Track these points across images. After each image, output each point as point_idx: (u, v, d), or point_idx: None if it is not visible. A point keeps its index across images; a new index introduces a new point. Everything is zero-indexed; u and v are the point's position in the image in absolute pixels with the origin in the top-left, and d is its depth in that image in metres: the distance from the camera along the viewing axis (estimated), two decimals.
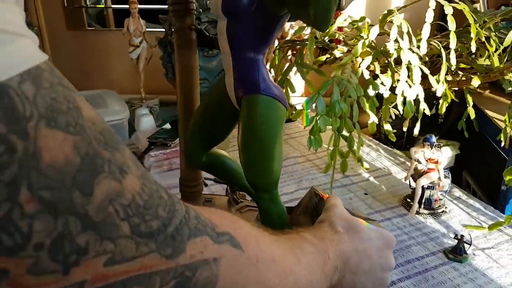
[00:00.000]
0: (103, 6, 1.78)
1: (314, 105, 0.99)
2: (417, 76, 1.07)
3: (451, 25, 1.04)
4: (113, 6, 1.77)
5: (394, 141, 1.17)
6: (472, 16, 1.04)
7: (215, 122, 0.64)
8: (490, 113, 1.24)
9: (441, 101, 1.15)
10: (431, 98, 1.27)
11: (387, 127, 1.16)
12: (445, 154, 1.38)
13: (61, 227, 0.22)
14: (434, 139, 1.00)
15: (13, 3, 0.23)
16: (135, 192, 0.25)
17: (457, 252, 0.84)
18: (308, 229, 0.48)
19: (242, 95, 0.56)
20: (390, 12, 1.17)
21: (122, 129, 1.37)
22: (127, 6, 1.72)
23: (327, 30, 1.34)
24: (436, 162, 0.99)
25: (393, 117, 1.21)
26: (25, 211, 0.20)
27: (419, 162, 1.00)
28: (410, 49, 1.10)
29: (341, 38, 1.40)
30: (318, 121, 0.96)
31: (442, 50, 1.10)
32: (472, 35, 1.03)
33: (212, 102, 0.64)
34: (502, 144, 1.03)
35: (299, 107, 1.68)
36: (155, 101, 1.63)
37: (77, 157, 0.22)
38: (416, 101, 1.11)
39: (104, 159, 0.24)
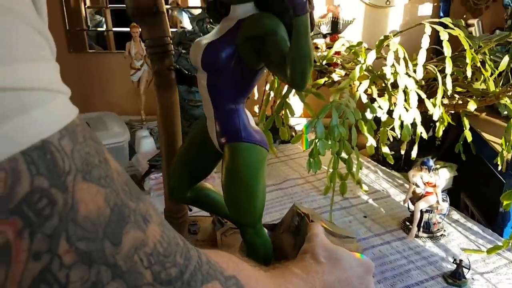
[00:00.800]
0: (104, 29, 1.81)
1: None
2: (413, 100, 1.09)
3: (447, 51, 1.06)
4: (113, 29, 1.80)
5: (392, 163, 1.18)
6: (467, 41, 1.07)
7: (199, 160, 0.66)
8: (486, 135, 1.25)
9: (438, 124, 1.17)
10: (428, 120, 1.28)
11: (385, 150, 1.17)
12: (443, 176, 1.39)
13: (94, 277, 0.23)
14: (431, 162, 1.01)
15: (52, 59, 0.25)
16: (156, 240, 0.27)
17: (456, 277, 0.84)
18: (294, 263, 0.51)
19: (224, 142, 0.59)
20: (386, 38, 1.19)
21: (122, 151, 1.38)
22: (127, 29, 1.76)
23: (326, 54, 1.36)
24: (434, 186, 1.00)
25: (391, 139, 1.23)
26: (64, 262, 0.22)
27: (417, 186, 1.01)
28: (407, 73, 1.12)
29: (338, 61, 1.42)
30: (318, 145, 0.97)
31: (438, 74, 1.12)
32: (468, 60, 1.06)
33: (195, 140, 0.66)
34: (499, 167, 1.05)
35: (297, 127, 1.69)
36: (155, 123, 1.64)
37: (107, 208, 0.24)
38: (413, 124, 1.12)
39: (130, 209, 0.26)
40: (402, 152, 1.21)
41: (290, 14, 0.50)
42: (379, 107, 1.15)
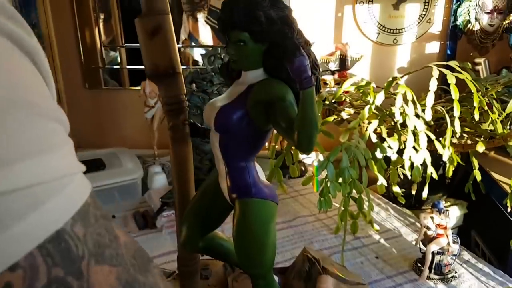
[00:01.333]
0: (118, 66, 1.86)
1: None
2: (423, 141, 1.11)
3: (454, 94, 1.09)
4: (128, 66, 1.85)
5: (403, 203, 1.19)
6: (475, 85, 1.09)
7: (211, 211, 0.69)
8: (495, 175, 1.26)
9: (447, 164, 1.18)
10: (437, 158, 1.30)
11: (396, 189, 1.18)
12: (453, 214, 1.40)
13: None
14: (442, 205, 1.02)
15: (66, 143, 0.26)
16: None
17: None
18: None
19: (235, 197, 0.61)
20: (394, 78, 1.22)
21: (135, 188, 1.41)
22: (141, 67, 1.80)
23: (335, 93, 1.39)
24: (445, 228, 1.01)
25: (401, 176, 1.24)
26: None
27: (429, 229, 1.02)
28: (416, 114, 1.14)
29: (347, 99, 1.45)
30: (329, 187, 0.99)
31: (447, 116, 1.14)
32: (475, 104, 1.08)
33: (208, 192, 0.69)
34: (509, 209, 1.05)
35: (306, 161, 1.71)
36: (168, 158, 1.67)
37: (119, 286, 0.25)
38: (423, 164, 1.14)
39: (140, 283, 0.27)
40: (413, 192, 1.22)
41: (292, 76, 0.53)
42: (389, 146, 1.17)
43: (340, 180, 1.05)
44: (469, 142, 1.23)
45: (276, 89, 0.55)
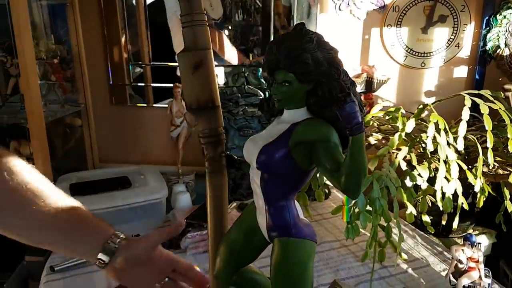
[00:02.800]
0: (143, 84, 1.88)
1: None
2: (455, 171, 1.09)
3: (488, 125, 1.07)
4: (153, 84, 1.88)
5: (432, 232, 1.17)
6: (508, 116, 1.07)
7: (246, 246, 0.68)
8: None
9: (478, 194, 1.16)
10: (467, 187, 1.28)
11: (426, 218, 1.17)
12: (482, 243, 1.37)
13: None
14: (474, 238, 1.00)
15: None
16: None
17: None
18: None
19: (275, 236, 0.61)
20: (425, 106, 1.21)
21: (160, 206, 1.41)
22: (166, 84, 1.83)
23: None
24: (477, 261, 0.99)
25: (429, 204, 1.22)
26: None
27: (460, 262, 0.99)
28: (447, 143, 1.12)
29: (375, 124, 1.44)
30: (360, 219, 0.98)
31: (479, 145, 1.12)
32: (509, 135, 1.06)
33: (244, 227, 0.68)
34: None
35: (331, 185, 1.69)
36: (192, 176, 1.67)
37: None
38: (454, 194, 1.12)
39: None
40: (443, 222, 1.20)
41: (341, 121, 0.52)
42: (419, 175, 1.16)
43: (369, 208, 1.04)
44: (500, 172, 1.21)
45: (320, 130, 0.55)
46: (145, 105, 1.88)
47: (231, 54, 1.85)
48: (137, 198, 1.36)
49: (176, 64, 1.81)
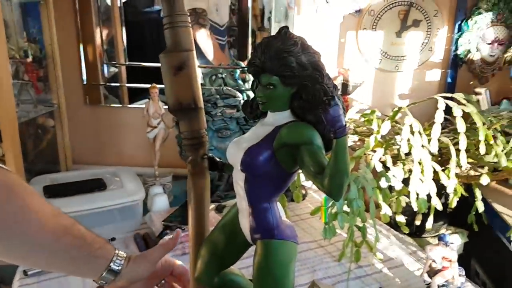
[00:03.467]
0: (118, 84, 1.85)
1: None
2: (428, 172, 1.12)
3: (461, 127, 1.10)
4: (127, 85, 1.85)
5: (407, 233, 1.20)
6: (481, 119, 1.11)
7: (228, 248, 0.68)
8: (497, 206, 1.27)
9: (451, 195, 1.19)
10: (439, 188, 1.31)
11: (400, 218, 1.19)
12: (454, 242, 1.41)
13: None
14: (448, 238, 1.03)
15: None
16: None
17: None
18: None
19: (258, 238, 0.61)
20: (400, 109, 1.23)
21: (137, 209, 1.39)
22: (141, 85, 1.81)
23: None
24: (451, 261, 1.01)
25: (404, 204, 1.24)
26: None
27: (435, 262, 1.02)
28: (422, 145, 1.15)
29: (351, 126, 1.46)
30: (338, 220, 0.99)
31: (452, 148, 1.15)
32: (481, 137, 1.09)
33: (226, 229, 0.68)
34: None
35: (306, 183, 1.70)
36: (169, 178, 1.66)
37: None
38: (428, 195, 1.15)
39: None
40: (417, 222, 1.23)
41: (325, 124, 0.53)
42: (394, 176, 1.18)
43: (346, 209, 1.06)
44: (471, 173, 1.25)
45: (304, 132, 0.56)
46: (120, 105, 1.86)
47: (208, 48, 1.83)
48: (113, 201, 1.34)
49: (152, 64, 1.79)
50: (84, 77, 1.79)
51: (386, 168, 1.19)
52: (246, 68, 1.76)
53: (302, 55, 0.55)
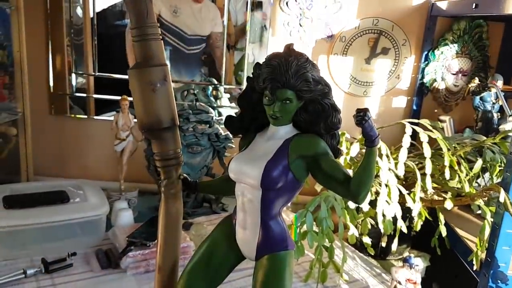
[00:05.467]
0: (85, 95, 1.81)
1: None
2: (395, 195, 1.14)
3: (427, 152, 1.13)
4: (95, 95, 1.81)
5: (373, 254, 1.21)
6: (446, 145, 1.15)
7: (219, 267, 0.67)
8: (459, 231, 1.31)
9: (416, 218, 1.22)
10: (404, 211, 1.34)
11: (367, 240, 1.20)
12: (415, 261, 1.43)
13: None
14: (413, 260, 1.04)
15: None
16: None
17: None
18: None
19: (267, 252, 0.61)
20: None
21: (100, 224, 1.34)
22: (109, 96, 1.77)
23: None
24: (415, 283, 1.03)
25: (369, 226, 1.26)
26: None
27: (400, 283, 1.03)
28: (389, 168, 1.18)
29: None
30: (307, 238, 0.99)
31: (418, 172, 1.18)
32: (446, 162, 1.13)
33: (217, 248, 0.67)
34: (474, 267, 1.09)
35: None
36: (134, 193, 1.62)
37: None
38: (393, 217, 1.17)
39: None
40: (383, 244, 1.24)
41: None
42: None
43: (315, 229, 1.06)
44: (435, 197, 1.28)
45: (318, 144, 0.59)
46: (85, 116, 1.81)
47: None
48: (75, 214, 1.29)
49: (121, 76, 1.76)
50: (51, 86, 1.74)
51: None
52: (217, 85, 1.77)
53: (313, 70, 0.58)
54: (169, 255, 0.69)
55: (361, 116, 0.53)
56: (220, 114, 1.78)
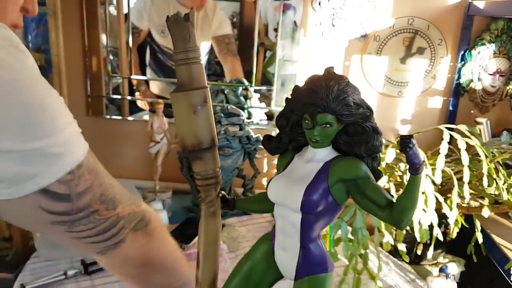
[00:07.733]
0: (120, 96, 1.85)
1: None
2: (431, 203, 1.13)
3: (465, 159, 1.11)
4: (128, 97, 1.85)
5: (408, 262, 1.20)
6: (484, 152, 1.12)
7: (258, 286, 0.68)
8: (496, 237, 1.28)
9: (452, 226, 1.20)
10: (440, 217, 1.32)
11: (402, 247, 1.20)
12: (451, 270, 1.41)
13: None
14: (449, 269, 1.04)
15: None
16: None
17: None
18: None
19: (307, 274, 0.62)
20: None
21: None
22: (144, 99, 1.81)
23: None
24: None
25: (404, 232, 1.25)
26: None
27: None
28: (426, 175, 1.16)
29: None
30: (342, 249, 1.00)
31: (455, 179, 1.16)
32: (485, 170, 1.10)
33: (256, 270, 0.67)
34: None
35: None
36: (168, 194, 1.65)
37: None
38: (430, 225, 1.16)
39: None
40: (419, 252, 1.23)
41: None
42: None
43: (350, 237, 1.06)
44: (472, 203, 1.26)
45: (359, 167, 0.58)
46: (120, 117, 1.86)
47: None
48: None
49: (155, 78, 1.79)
50: (88, 88, 1.79)
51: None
52: (248, 85, 1.77)
53: (355, 94, 0.58)
54: (208, 270, 0.70)
55: (406, 143, 0.53)
56: (250, 114, 1.79)
